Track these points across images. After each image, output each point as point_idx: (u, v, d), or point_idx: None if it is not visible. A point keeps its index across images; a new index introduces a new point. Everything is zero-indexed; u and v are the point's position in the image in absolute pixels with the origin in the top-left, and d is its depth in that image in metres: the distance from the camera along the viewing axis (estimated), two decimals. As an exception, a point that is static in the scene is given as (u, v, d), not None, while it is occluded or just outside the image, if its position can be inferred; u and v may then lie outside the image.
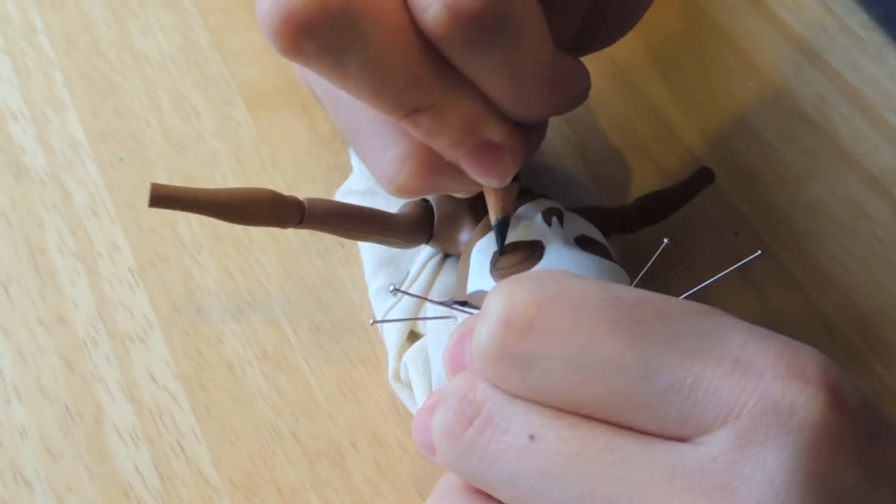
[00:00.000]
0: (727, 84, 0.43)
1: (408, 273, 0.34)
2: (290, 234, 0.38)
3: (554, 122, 0.41)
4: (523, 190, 0.31)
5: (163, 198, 0.29)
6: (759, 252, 0.26)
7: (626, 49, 0.43)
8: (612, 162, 0.40)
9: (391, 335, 0.33)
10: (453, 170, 0.27)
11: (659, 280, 0.29)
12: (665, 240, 0.27)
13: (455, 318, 0.29)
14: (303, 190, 0.39)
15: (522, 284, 0.22)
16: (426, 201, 0.33)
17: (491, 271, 0.28)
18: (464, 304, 0.29)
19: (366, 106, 0.26)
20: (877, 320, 0.36)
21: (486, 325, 0.22)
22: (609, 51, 0.44)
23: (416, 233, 0.33)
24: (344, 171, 0.39)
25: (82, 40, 0.44)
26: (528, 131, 0.28)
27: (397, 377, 0.33)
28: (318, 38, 0.23)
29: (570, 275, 0.23)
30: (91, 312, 0.35)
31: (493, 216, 0.29)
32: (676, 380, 0.21)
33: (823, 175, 0.40)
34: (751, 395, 0.20)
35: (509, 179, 0.27)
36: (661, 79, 0.43)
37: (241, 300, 0.36)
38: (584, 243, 0.28)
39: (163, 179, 0.39)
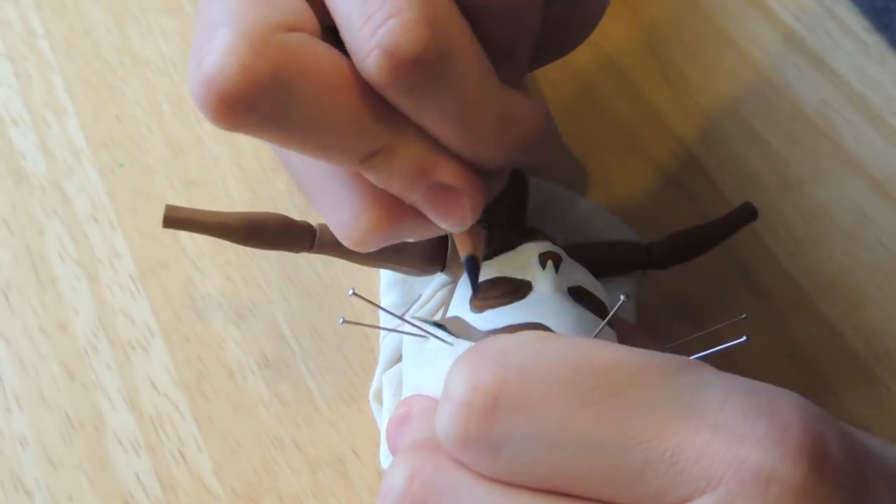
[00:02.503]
0: (729, 87, 0.43)
1: (419, 296, 0.33)
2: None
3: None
4: (533, 230, 0.30)
5: (176, 220, 0.30)
6: (745, 338, 0.25)
7: (627, 51, 0.43)
8: (613, 164, 0.40)
9: (383, 353, 0.33)
10: (411, 217, 0.26)
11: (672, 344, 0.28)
12: (622, 296, 0.26)
13: (428, 338, 0.28)
14: (302, 195, 0.38)
15: (485, 359, 0.21)
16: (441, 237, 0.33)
17: (471, 301, 0.28)
18: (441, 326, 0.28)
19: (316, 163, 0.25)
20: (881, 327, 0.36)
21: (447, 407, 0.21)
22: (610, 53, 0.44)
23: (429, 262, 0.32)
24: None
25: (83, 45, 0.44)
26: (489, 177, 0.27)
27: (377, 397, 0.33)
28: (255, 109, 0.22)
29: (539, 340, 0.22)
30: (92, 319, 0.35)
31: (461, 254, 0.28)
32: (655, 453, 0.20)
33: (827, 180, 0.40)
34: (730, 463, 0.20)
35: (468, 224, 0.26)
36: (662, 82, 0.43)
37: (242, 307, 0.36)
38: (576, 294, 0.27)
39: (163, 185, 0.39)
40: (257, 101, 0.22)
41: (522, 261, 0.28)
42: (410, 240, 0.28)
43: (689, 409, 0.20)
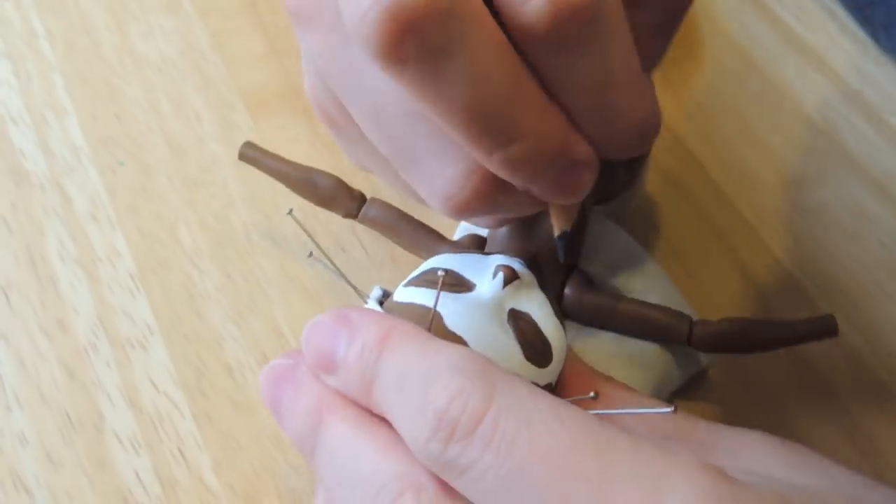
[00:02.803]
0: (729, 87, 0.43)
1: None
2: (291, 238, 0.38)
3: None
4: (577, 269, 0.30)
5: (247, 156, 0.35)
6: (673, 408, 0.25)
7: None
8: (615, 166, 0.40)
9: None
10: (514, 192, 0.26)
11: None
12: (591, 393, 0.26)
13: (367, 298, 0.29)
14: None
15: (476, 389, 0.22)
16: (481, 238, 0.33)
17: (410, 279, 0.28)
18: (387, 295, 0.29)
19: (422, 120, 0.24)
20: (882, 327, 0.36)
21: (430, 417, 0.22)
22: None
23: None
24: (345, 175, 0.39)
25: (83, 44, 0.44)
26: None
27: None
28: (424, 40, 0.21)
29: (527, 387, 0.23)
30: (91, 318, 0.35)
31: (557, 230, 0.28)
32: None
33: (827, 179, 0.40)
34: None
35: (584, 196, 0.26)
36: (663, 82, 0.43)
37: (241, 305, 0.36)
38: (515, 318, 0.27)
39: (163, 184, 0.39)
40: (425, 27, 0.21)
41: (483, 264, 0.28)
42: (505, 213, 0.28)
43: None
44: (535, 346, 0.27)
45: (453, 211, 0.26)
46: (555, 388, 0.27)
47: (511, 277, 0.27)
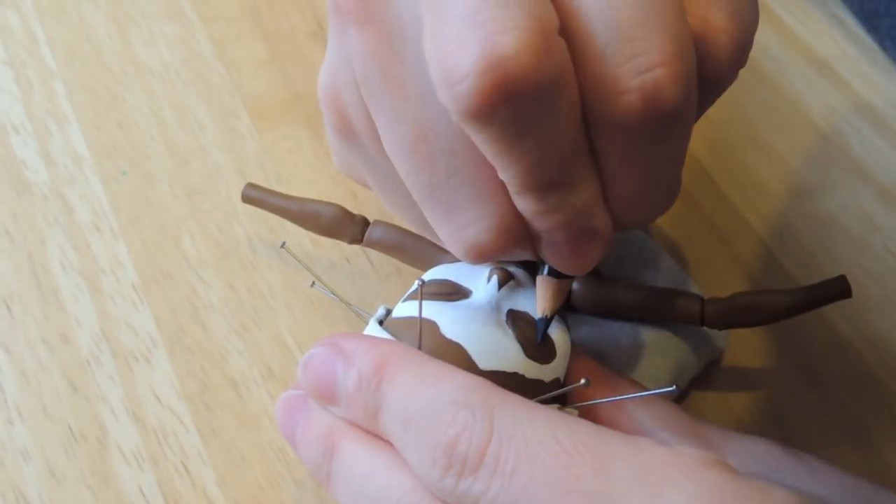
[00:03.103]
0: (736, 95, 0.43)
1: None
2: (295, 248, 0.37)
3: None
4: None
5: (249, 198, 0.35)
6: (675, 387, 0.26)
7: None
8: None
9: None
10: (529, 245, 0.26)
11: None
12: (583, 380, 0.26)
13: (367, 319, 0.29)
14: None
15: (477, 419, 0.22)
16: None
17: (408, 294, 0.28)
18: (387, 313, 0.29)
19: (469, 164, 0.24)
20: (890, 336, 0.35)
21: (436, 452, 0.22)
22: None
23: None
24: (348, 184, 0.39)
25: (85, 52, 0.43)
26: None
27: None
28: (520, 107, 0.21)
29: (524, 407, 0.23)
30: (94, 330, 0.35)
31: (539, 311, 0.27)
32: None
33: (834, 187, 0.40)
34: None
35: (589, 269, 0.26)
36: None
37: (245, 317, 0.35)
38: (513, 318, 0.27)
39: (166, 194, 0.39)
40: (528, 98, 0.21)
41: (475, 270, 0.28)
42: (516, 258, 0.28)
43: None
44: (536, 344, 0.27)
45: (472, 258, 0.26)
46: (563, 383, 0.28)
47: (505, 279, 0.28)
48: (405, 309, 0.28)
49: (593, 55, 0.22)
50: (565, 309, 0.29)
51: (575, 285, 0.32)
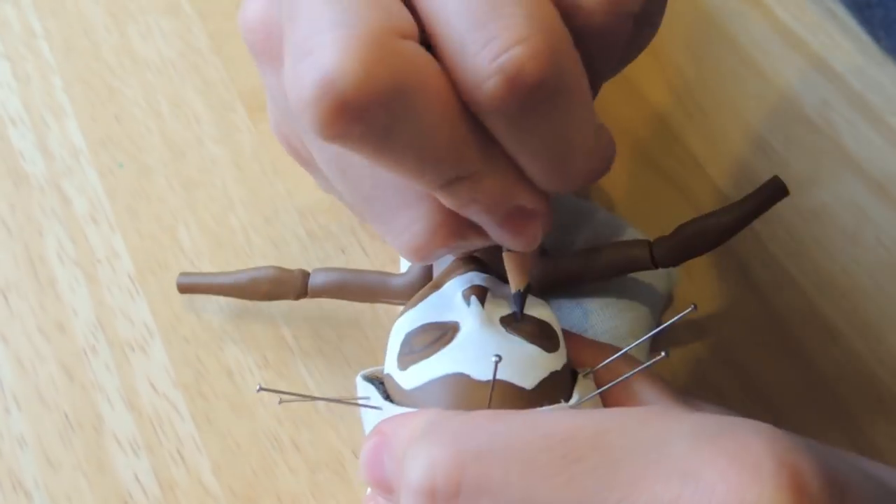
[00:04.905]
0: (730, 88, 0.43)
1: None
2: (291, 239, 0.37)
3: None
4: (470, 259, 0.29)
5: (185, 286, 0.35)
6: (664, 354, 0.25)
7: (628, 53, 0.43)
8: (614, 167, 0.40)
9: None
10: (474, 233, 0.26)
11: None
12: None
13: (369, 398, 0.27)
14: (302, 196, 0.39)
15: (441, 446, 0.21)
16: (426, 267, 0.32)
17: (397, 358, 0.27)
18: (381, 383, 0.27)
19: (385, 175, 0.24)
20: (881, 327, 0.36)
21: (409, 496, 0.21)
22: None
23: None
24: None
25: (82, 45, 0.44)
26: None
27: None
28: (367, 119, 0.21)
29: (490, 419, 0.22)
30: (91, 320, 0.35)
31: (513, 286, 0.27)
32: None
33: (827, 180, 0.40)
34: None
35: (537, 245, 0.26)
36: (664, 83, 0.43)
37: (241, 307, 0.36)
38: (509, 322, 0.27)
39: (162, 186, 0.39)
40: (372, 111, 0.21)
41: (447, 300, 0.28)
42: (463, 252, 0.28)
43: (655, 464, 0.20)
44: (543, 337, 0.26)
45: (418, 259, 0.26)
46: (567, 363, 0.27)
47: (482, 294, 0.27)
48: (418, 374, 0.26)
49: (455, 49, 0.22)
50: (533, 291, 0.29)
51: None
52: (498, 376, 0.24)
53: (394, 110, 0.21)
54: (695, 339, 0.36)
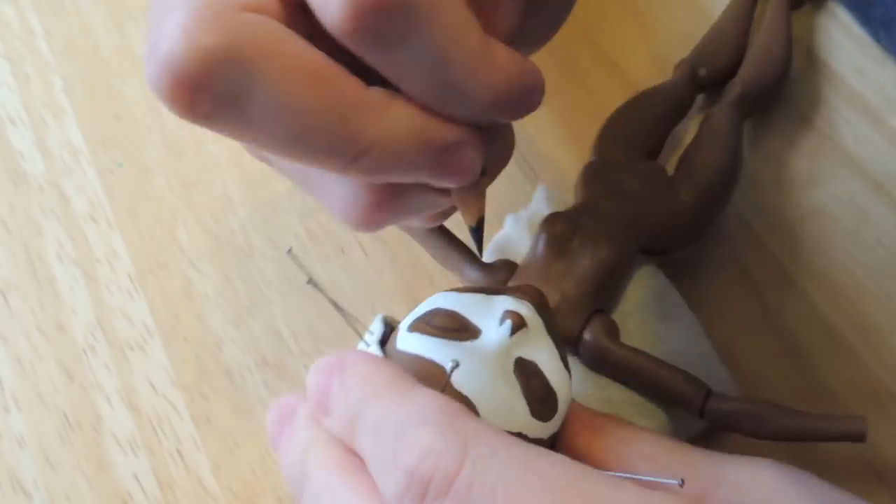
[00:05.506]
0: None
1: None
2: (291, 239, 0.37)
3: (554, 126, 0.41)
4: (539, 293, 0.28)
5: None
6: (679, 482, 0.23)
7: (628, 52, 0.43)
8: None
9: None
10: (414, 189, 0.25)
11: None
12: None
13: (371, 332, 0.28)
14: (302, 196, 0.38)
15: (449, 443, 0.22)
16: (513, 264, 0.32)
17: (413, 320, 0.27)
18: (392, 330, 0.27)
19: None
20: (882, 327, 0.36)
21: (403, 474, 0.22)
22: (611, 53, 0.44)
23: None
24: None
25: (82, 45, 0.44)
26: (489, 136, 0.26)
27: None
28: (209, 89, 0.21)
29: (499, 437, 0.22)
30: (90, 320, 0.35)
31: (466, 222, 0.27)
32: None
33: (827, 180, 0.40)
34: None
35: (476, 174, 0.25)
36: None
37: (240, 307, 0.36)
38: (521, 367, 0.26)
39: (162, 185, 0.39)
40: (211, 80, 0.21)
41: (489, 308, 0.27)
42: (419, 214, 0.28)
43: None
44: (541, 401, 0.26)
45: (358, 227, 0.26)
46: (557, 433, 0.27)
47: (519, 325, 0.26)
48: (412, 343, 0.26)
49: None
50: (567, 352, 0.28)
51: (587, 335, 0.31)
52: (472, 402, 0.24)
53: (235, 78, 0.21)
54: (694, 339, 0.36)
